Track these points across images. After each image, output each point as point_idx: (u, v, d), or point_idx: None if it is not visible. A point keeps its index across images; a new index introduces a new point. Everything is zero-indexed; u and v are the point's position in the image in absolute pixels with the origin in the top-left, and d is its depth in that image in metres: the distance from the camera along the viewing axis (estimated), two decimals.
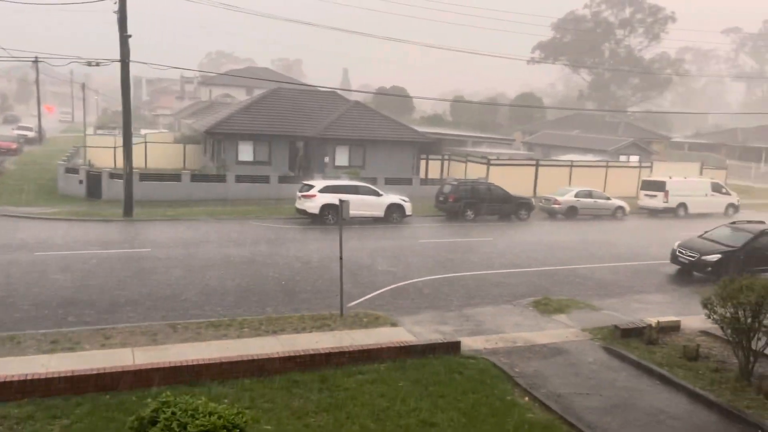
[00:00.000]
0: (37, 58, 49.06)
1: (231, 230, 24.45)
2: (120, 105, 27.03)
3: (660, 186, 34.13)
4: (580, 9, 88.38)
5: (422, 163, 40.47)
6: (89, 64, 26.58)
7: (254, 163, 36.14)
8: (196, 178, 32.93)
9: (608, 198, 33.31)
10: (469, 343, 12.48)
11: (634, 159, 47.12)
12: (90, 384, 9.49)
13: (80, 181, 31.39)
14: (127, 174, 26.60)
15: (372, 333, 12.69)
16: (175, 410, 6.57)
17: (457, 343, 12.08)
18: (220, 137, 36.39)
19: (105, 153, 41.68)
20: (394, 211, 27.65)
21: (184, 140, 47.24)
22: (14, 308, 13.62)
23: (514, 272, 19.23)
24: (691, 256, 19.48)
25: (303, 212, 26.84)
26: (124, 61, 25.40)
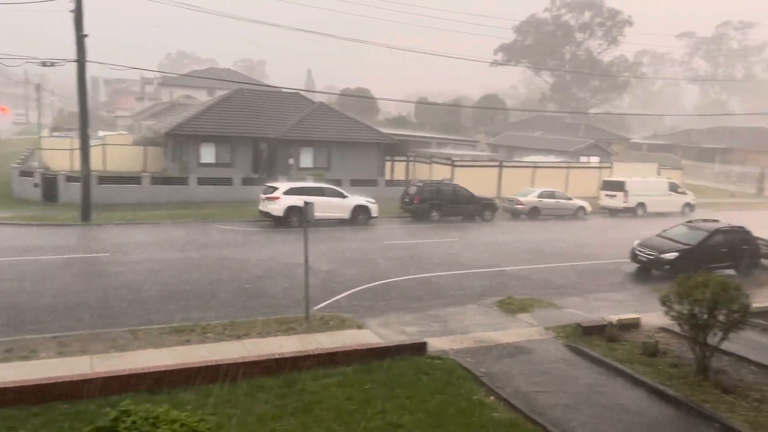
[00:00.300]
0: None
1: (193, 234, 24.05)
2: (77, 106, 26.32)
3: (620, 186, 34.89)
4: (540, 12, 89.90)
5: (387, 164, 40.52)
6: (44, 64, 25.75)
7: (217, 165, 35.63)
8: (156, 180, 32.30)
9: (570, 198, 33.91)
10: (436, 343, 12.53)
11: (595, 160, 48.11)
12: (47, 393, 9.19)
13: (35, 185, 30.47)
14: (84, 177, 25.92)
15: (338, 336, 12.62)
16: (136, 419, 6.39)
17: (424, 344, 12.11)
18: (181, 139, 35.78)
19: (61, 155, 40.55)
20: (360, 213, 27.61)
21: (144, 142, 46.28)
22: None
23: (478, 272, 19.40)
24: (649, 255, 19.95)
25: (267, 215, 26.57)
26: (81, 61, 24.76)
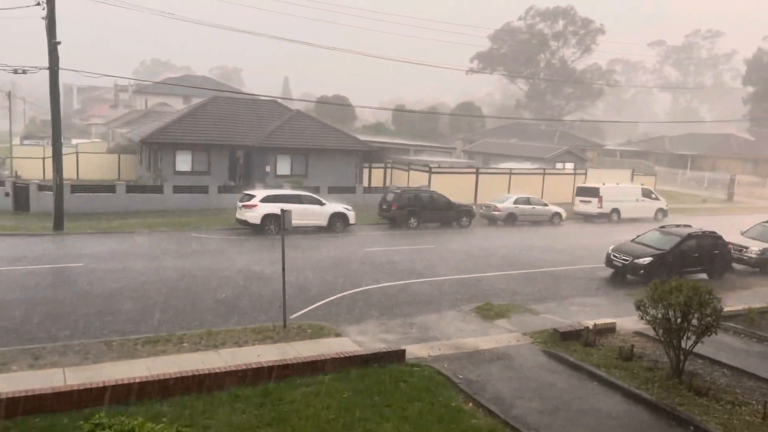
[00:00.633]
0: None
1: (168, 242, 23.76)
2: (49, 114, 25.89)
3: (594, 192, 35.35)
4: (515, 21, 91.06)
5: (365, 171, 40.56)
6: (15, 71, 25.30)
7: (193, 173, 35.31)
8: (131, 189, 31.89)
9: (546, 204, 34.25)
10: (414, 350, 12.53)
11: (569, 166, 48.72)
12: (18, 407, 8.98)
13: (6, 194, 29.88)
14: (57, 186, 25.47)
15: (316, 344, 12.55)
16: None
17: (402, 352, 12.10)
18: (156, 147, 35.39)
19: (33, 164, 39.88)
20: (338, 220, 27.56)
21: (118, 150, 45.74)
22: None
23: (456, 279, 19.47)
24: (624, 260, 20.23)
25: (244, 223, 26.38)
26: (53, 68, 24.38)
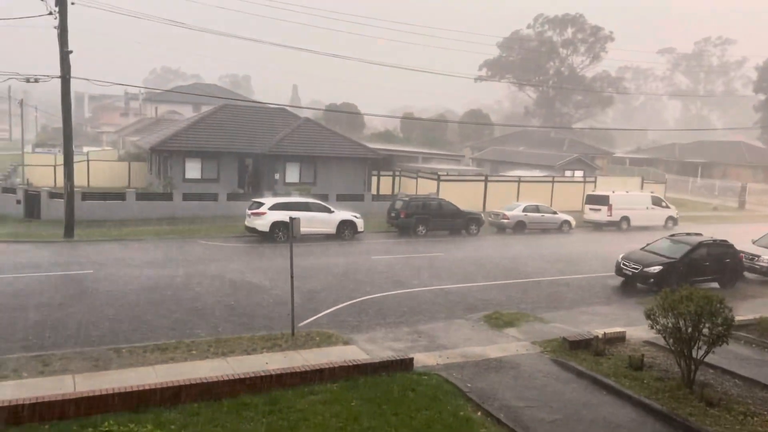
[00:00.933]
0: None
1: (177, 250, 23.85)
2: (61, 122, 26.14)
3: (604, 200, 35.19)
4: (524, 29, 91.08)
5: (374, 179, 40.60)
6: (28, 80, 25.59)
7: (202, 180, 35.49)
8: (141, 196, 32.07)
9: (555, 212, 34.14)
10: (422, 359, 12.49)
11: (579, 174, 48.54)
12: (26, 414, 9.02)
13: (18, 201, 30.11)
14: (68, 193, 25.67)
15: (324, 352, 12.54)
16: None
17: (410, 360, 12.06)
18: (166, 154, 35.62)
19: (45, 171, 40.21)
20: (346, 228, 27.57)
21: (128, 158, 46.08)
22: None
23: (465, 287, 19.41)
24: (634, 268, 20.10)
25: (253, 230, 26.45)
26: (65, 77, 24.64)
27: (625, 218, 35.04)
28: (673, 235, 22.16)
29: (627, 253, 21.33)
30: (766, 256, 21.90)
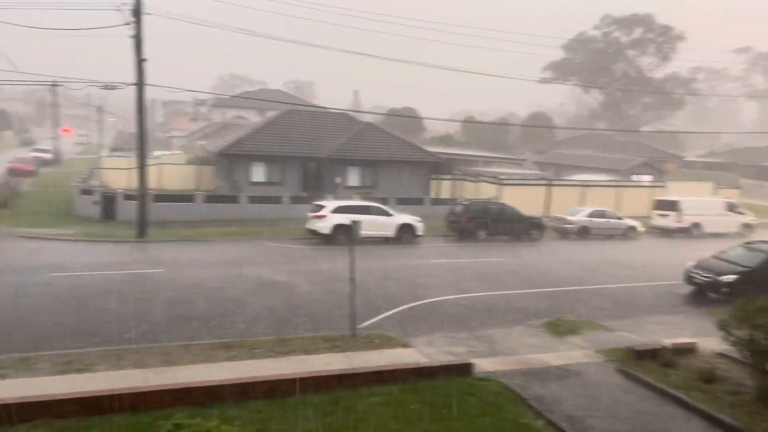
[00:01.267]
0: (55, 82, 49.99)
1: (243, 251, 24.56)
2: (135, 127, 27.40)
3: (673, 205, 33.92)
4: (590, 30, 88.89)
5: (433, 183, 40.56)
6: (106, 87, 26.96)
7: (267, 183, 36.42)
8: (209, 199, 33.21)
9: (620, 218, 33.16)
10: (482, 364, 12.39)
11: (647, 178, 46.96)
12: (103, 405, 9.49)
13: (95, 203, 31.72)
14: (141, 195, 26.88)
15: (384, 354, 12.64)
16: None
17: (470, 365, 11.99)
18: (233, 158, 36.75)
19: (120, 174, 42.17)
20: (406, 231, 27.68)
21: (197, 161, 47.71)
22: (30, 329, 13.73)
23: (525, 293, 19.13)
24: (706, 277, 19.28)
25: (314, 232, 26.93)
26: (140, 84, 25.82)
27: (696, 224, 33.66)
28: (748, 243, 21.10)
29: (698, 260, 20.49)
30: None
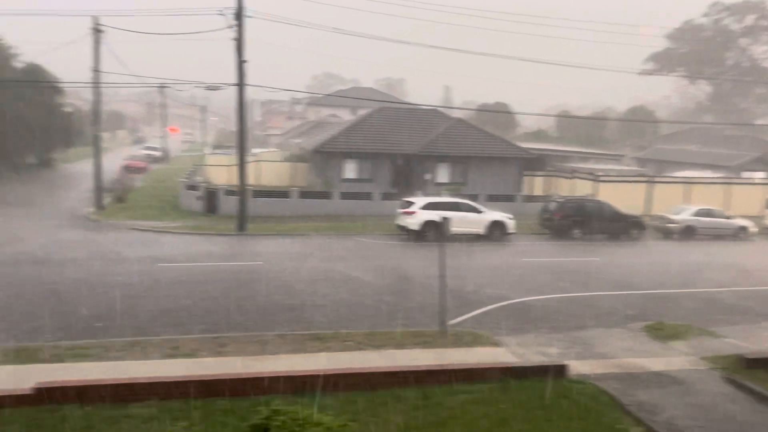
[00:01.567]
0: (163, 84, 53.34)
1: (335, 245, 25.15)
2: (235, 125, 28.68)
3: None
4: (698, 18, 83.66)
5: (526, 179, 39.70)
6: (209, 88, 28.45)
7: (358, 180, 37.04)
8: (303, 194, 34.25)
9: (729, 217, 31.05)
10: (577, 366, 12.03)
11: (760, 175, 43.63)
12: (207, 389, 10.05)
13: (199, 198, 33.51)
14: (241, 191, 28.14)
15: (473, 352, 12.56)
16: (285, 419, 6.86)
17: (564, 366, 11.68)
18: (326, 155, 37.65)
19: (221, 171, 44.30)
20: (496, 229, 27.28)
21: (293, 159, 49.28)
22: (139, 315, 14.76)
23: (625, 294, 18.36)
24: None
25: (404, 229, 27.11)
26: (241, 84, 27.00)
27: None
28: None
29: None
30: None
